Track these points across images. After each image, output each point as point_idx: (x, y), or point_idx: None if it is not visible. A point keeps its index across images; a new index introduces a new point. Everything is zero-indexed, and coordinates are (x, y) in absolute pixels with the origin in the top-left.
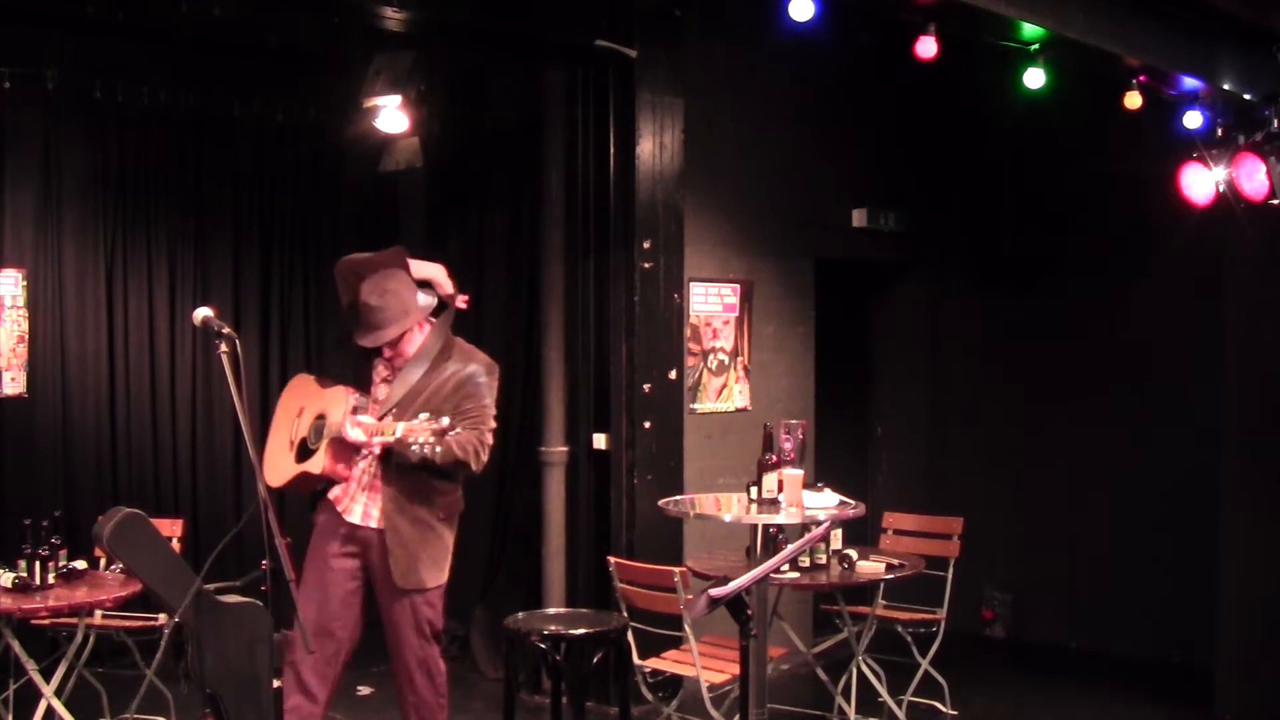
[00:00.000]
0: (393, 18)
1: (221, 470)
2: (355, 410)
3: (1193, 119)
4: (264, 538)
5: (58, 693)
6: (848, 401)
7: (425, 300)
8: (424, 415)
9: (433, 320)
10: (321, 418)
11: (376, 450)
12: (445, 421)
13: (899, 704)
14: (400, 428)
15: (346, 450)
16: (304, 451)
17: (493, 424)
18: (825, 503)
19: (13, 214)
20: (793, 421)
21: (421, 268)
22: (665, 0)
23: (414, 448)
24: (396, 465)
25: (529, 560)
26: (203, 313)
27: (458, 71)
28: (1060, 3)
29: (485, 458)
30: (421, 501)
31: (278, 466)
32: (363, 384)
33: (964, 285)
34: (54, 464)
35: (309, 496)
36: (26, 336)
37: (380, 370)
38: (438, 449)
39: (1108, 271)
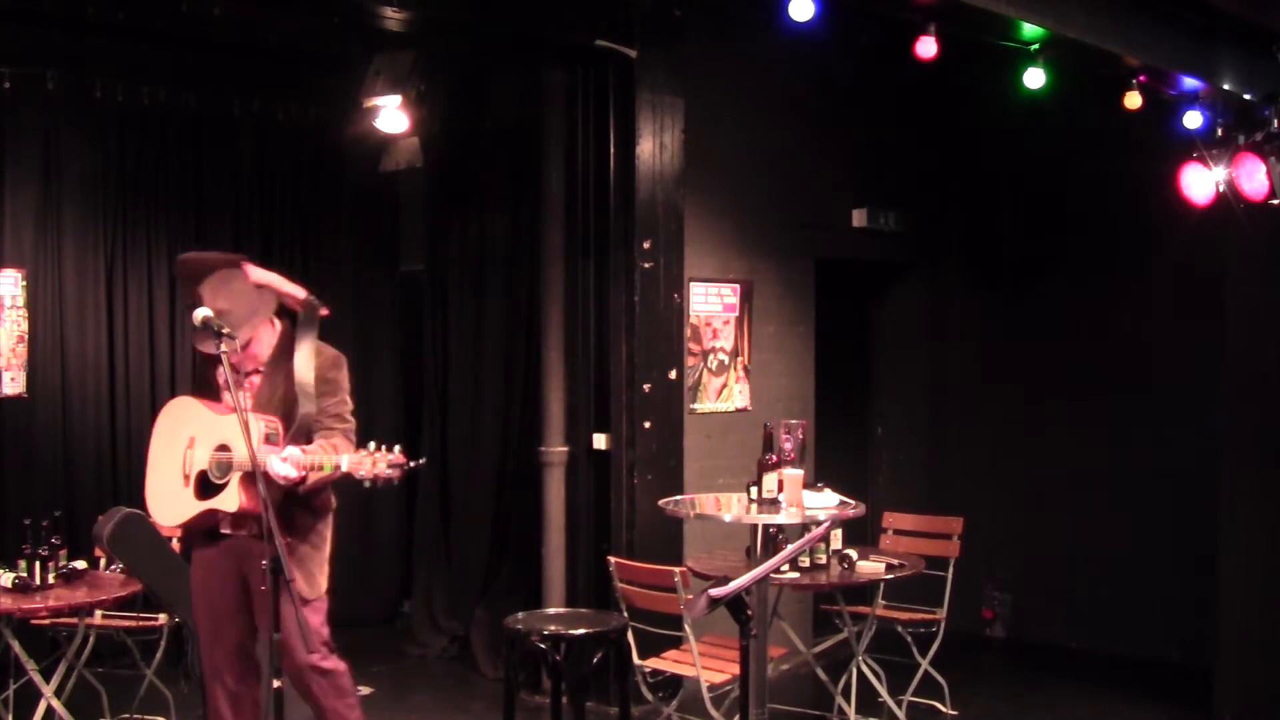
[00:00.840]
0: (393, 18)
1: None
2: (268, 439)
3: (1193, 119)
4: (264, 538)
5: (58, 693)
6: (848, 401)
7: (266, 300)
8: (369, 448)
9: (278, 320)
10: (224, 448)
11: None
12: (370, 447)
13: (899, 704)
14: (345, 460)
15: (253, 481)
16: (207, 486)
17: (351, 419)
18: (825, 503)
19: (13, 214)
20: (793, 421)
21: (258, 273)
22: (665, 0)
23: (361, 475)
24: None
25: (529, 560)
26: (203, 313)
27: (458, 71)
28: (1060, 3)
29: None
30: (301, 510)
31: (171, 504)
32: (207, 391)
33: (964, 285)
34: (54, 464)
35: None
36: (26, 336)
37: (223, 376)
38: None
39: (1108, 271)
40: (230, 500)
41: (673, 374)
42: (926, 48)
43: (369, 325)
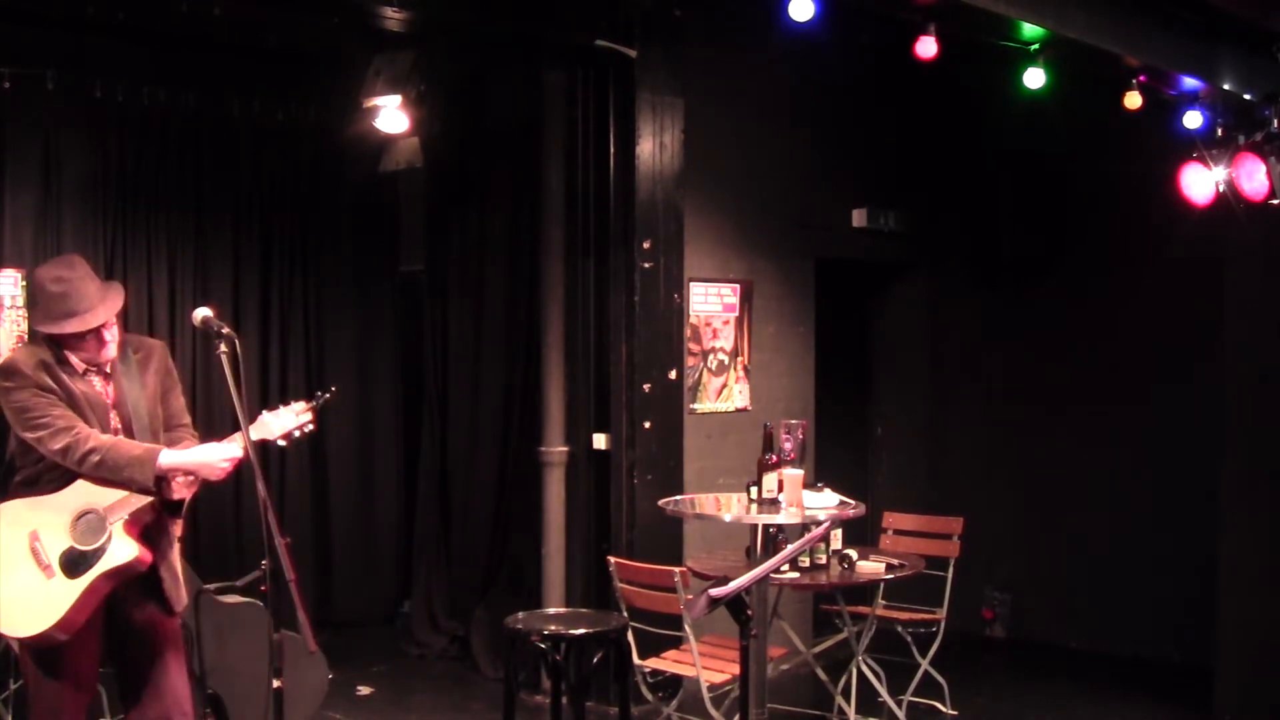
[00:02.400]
0: (393, 18)
1: None
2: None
3: (1193, 119)
4: (264, 538)
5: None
6: (848, 401)
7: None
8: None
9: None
10: (88, 513)
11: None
12: (263, 412)
13: (899, 704)
14: (253, 431)
15: (137, 520)
16: (76, 561)
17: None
18: (825, 503)
19: (13, 214)
20: (793, 421)
21: None
22: (665, 0)
23: (275, 437)
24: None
25: (529, 560)
26: (202, 313)
27: (458, 71)
28: (1060, 3)
29: None
30: (170, 516)
31: (40, 605)
32: (92, 400)
33: (964, 285)
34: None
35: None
36: (26, 336)
37: (77, 383)
38: None
39: (1107, 272)
40: (122, 551)
41: (673, 374)
42: (926, 48)
43: (369, 325)
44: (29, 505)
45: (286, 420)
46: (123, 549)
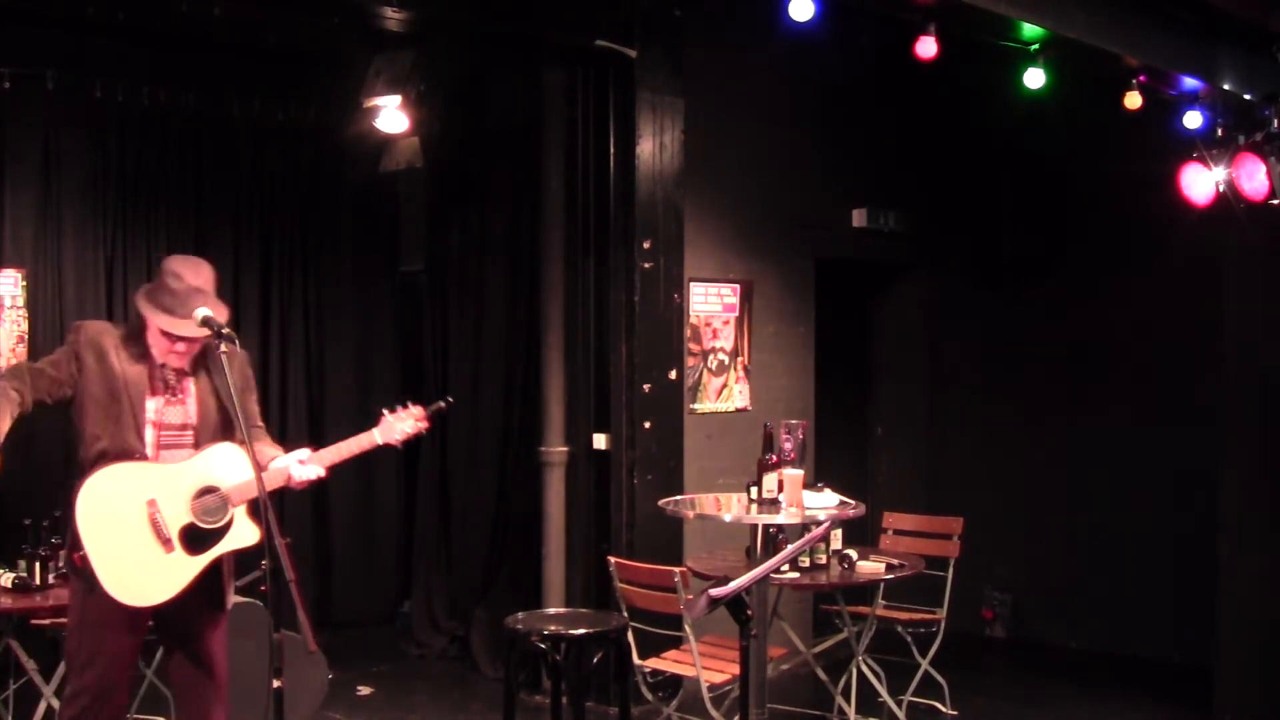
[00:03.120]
0: (393, 18)
1: None
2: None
3: (1193, 119)
4: (264, 538)
5: (58, 693)
6: (848, 401)
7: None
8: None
9: None
10: (208, 490)
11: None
12: (386, 413)
13: (899, 704)
14: (378, 433)
15: (254, 505)
16: (196, 538)
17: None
18: (825, 503)
19: (13, 214)
20: (793, 421)
21: None
22: (665, 0)
23: (396, 440)
24: None
25: (529, 560)
26: (202, 312)
27: (458, 71)
28: (1060, 3)
29: None
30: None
31: (157, 578)
32: (132, 383)
33: (964, 285)
34: (54, 464)
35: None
36: (26, 336)
37: (132, 364)
38: None
39: (1108, 272)
40: (247, 534)
41: (673, 374)
42: (926, 48)
43: (369, 325)
44: (142, 471)
45: (406, 424)
46: (246, 532)
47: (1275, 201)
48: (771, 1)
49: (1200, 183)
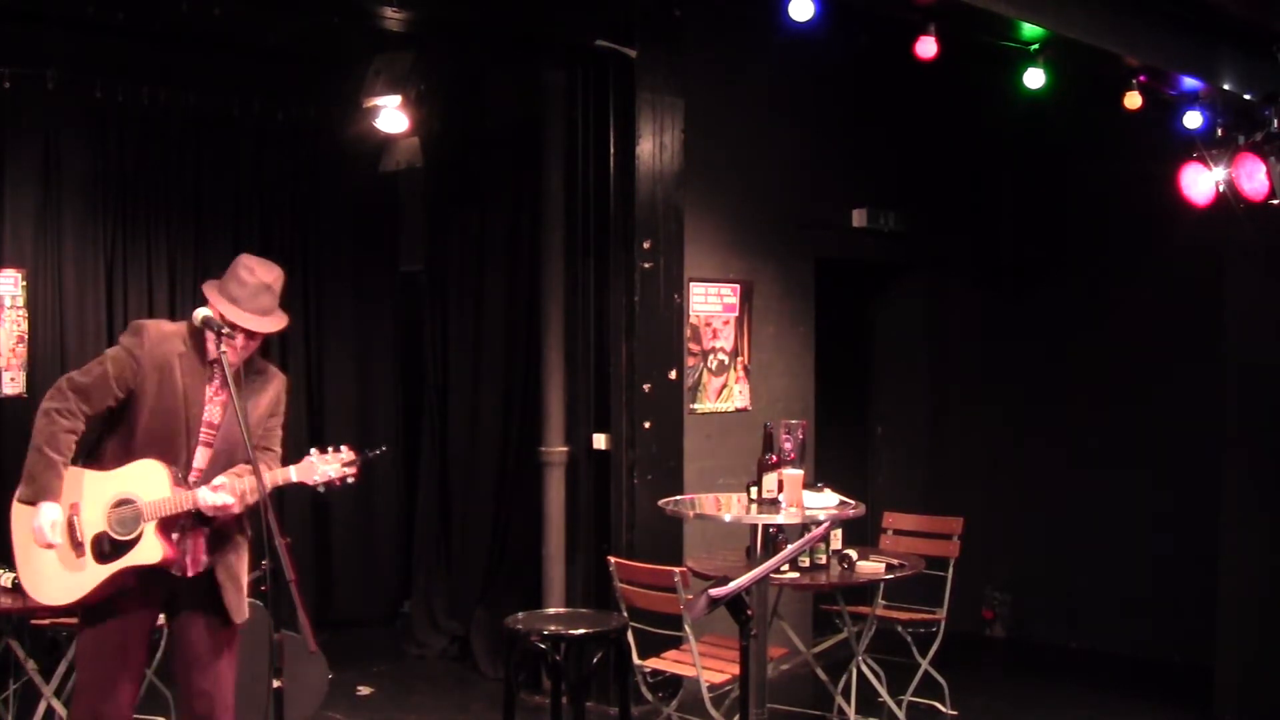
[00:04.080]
0: (393, 18)
1: None
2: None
3: (1193, 119)
4: (264, 538)
5: (57, 693)
6: (848, 401)
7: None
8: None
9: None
10: (125, 502)
11: (237, 509)
12: (314, 453)
13: (899, 704)
14: (294, 470)
15: (172, 524)
16: (110, 547)
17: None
18: (825, 503)
19: (13, 214)
20: (793, 421)
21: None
22: (665, 0)
23: (315, 481)
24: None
25: (529, 560)
26: (203, 313)
27: (458, 71)
28: (1060, 3)
29: None
30: (238, 529)
31: (64, 579)
32: (192, 400)
33: (964, 285)
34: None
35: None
36: (26, 336)
37: (190, 371)
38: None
39: (1107, 271)
40: (151, 552)
41: (673, 374)
42: (926, 48)
43: (369, 325)
44: (76, 476)
45: (331, 469)
46: (151, 550)
47: (1275, 201)
48: (771, 2)
49: (1200, 183)
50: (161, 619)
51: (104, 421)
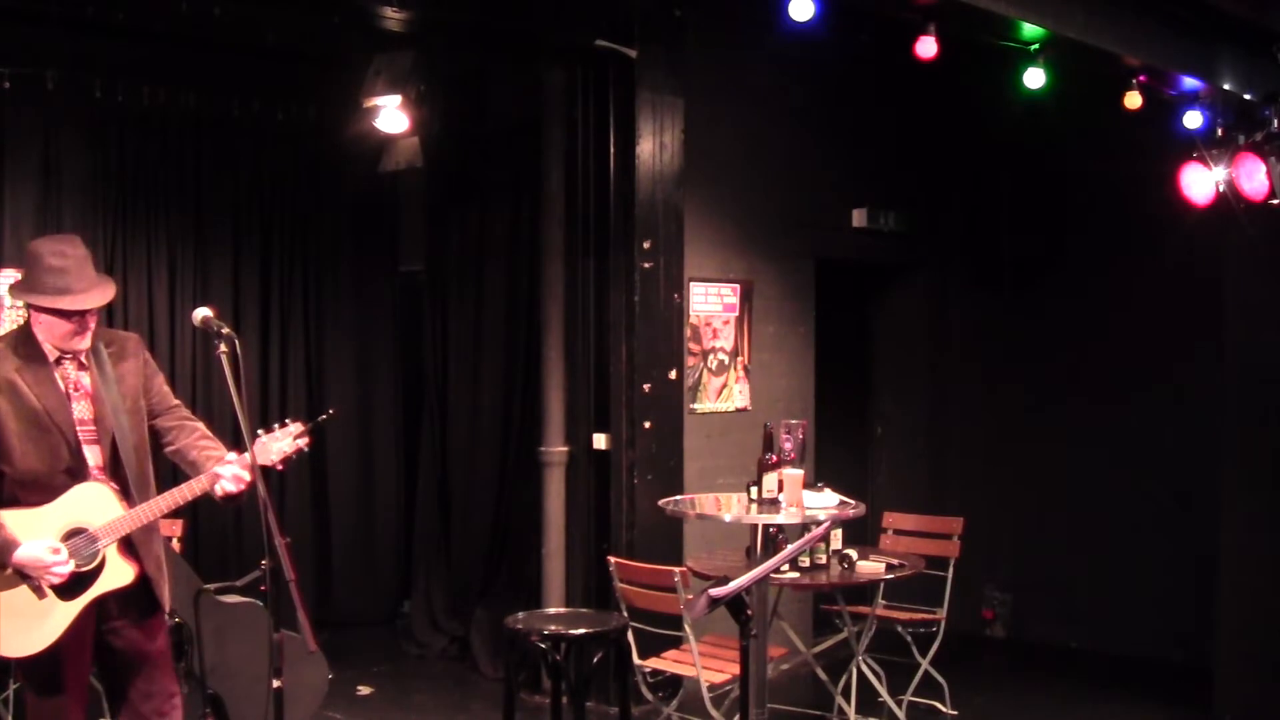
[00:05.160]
0: (393, 18)
1: None
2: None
3: (1193, 119)
4: (264, 538)
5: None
6: (848, 401)
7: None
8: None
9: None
10: (77, 532)
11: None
12: (260, 432)
13: (899, 704)
14: (274, 446)
15: (127, 538)
16: (71, 584)
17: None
18: (825, 503)
19: (13, 214)
20: (793, 421)
21: None
22: (665, 0)
23: (271, 461)
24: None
25: (529, 560)
26: (202, 313)
27: (458, 71)
28: (1060, 3)
29: None
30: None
31: (37, 626)
32: (52, 407)
33: (964, 285)
34: None
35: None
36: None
37: (40, 377)
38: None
39: (1108, 272)
40: (122, 573)
41: (673, 374)
42: (926, 48)
43: (369, 325)
44: (14, 519)
45: (284, 444)
46: (120, 572)
47: (1275, 201)
48: (771, 1)
49: (1200, 183)
50: None
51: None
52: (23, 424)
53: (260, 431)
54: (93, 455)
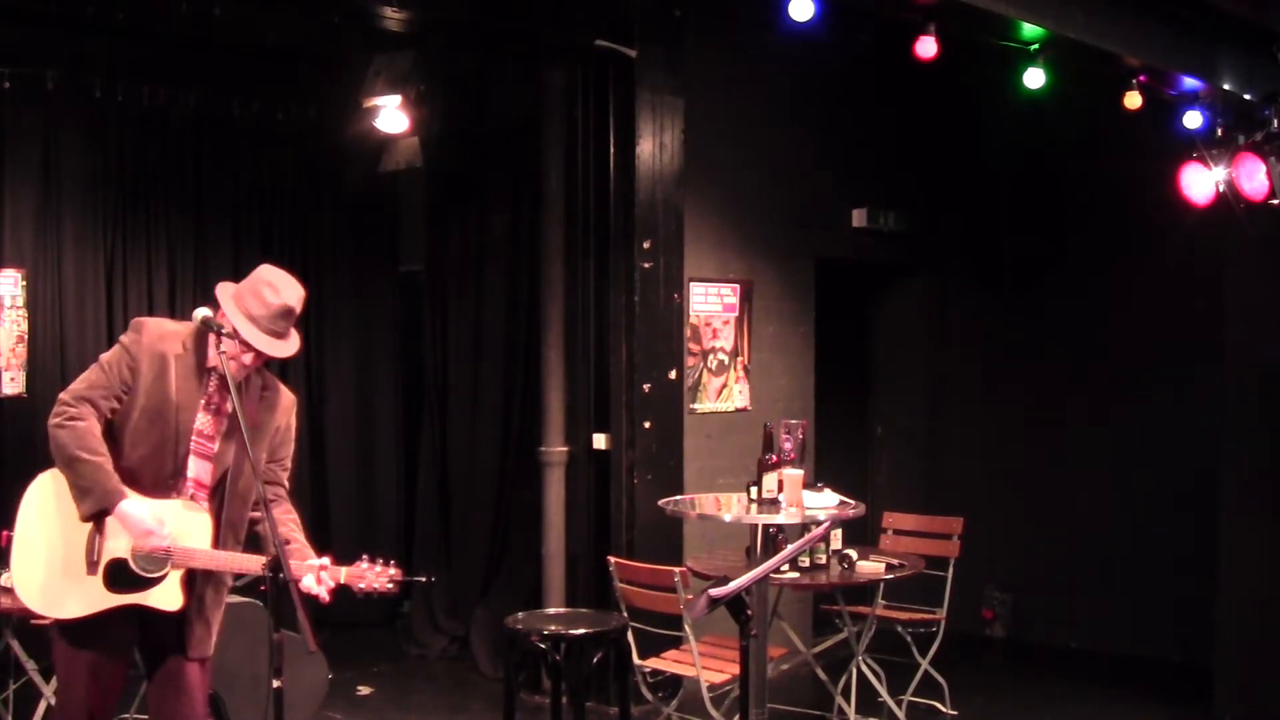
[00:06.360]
0: (393, 18)
1: None
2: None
3: (1193, 119)
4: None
5: (57, 692)
6: (848, 401)
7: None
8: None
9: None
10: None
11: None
12: (365, 562)
13: (899, 704)
14: (344, 573)
15: (192, 572)
16: (122, 576)
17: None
18: (825, 503)
19: (13, 214)
20: (793, 421)
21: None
22: (665, 0)
23: (359, 589)
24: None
25: (529, 560)
26: (202, 313)
27: (458, 71)
28: (1060, 3)
29: None
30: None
31: (67, 592)
32: (184, 405)
33: (964, 285)
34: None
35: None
36: (26, 336)
37: (186, 376)
38: None
39: (1107, 272)
40: (171, 598)
41: (673, 374)
42: (926, 48)
43: (369, 325)
44: None
45: (376, 582)
46: (169, 596)
47: (1275, 201)
48: (771, 1)
49: (1200, 183)
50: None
51: (129, 439)
52: (151, 401)
53: (364, 557)
54: (194, 467)
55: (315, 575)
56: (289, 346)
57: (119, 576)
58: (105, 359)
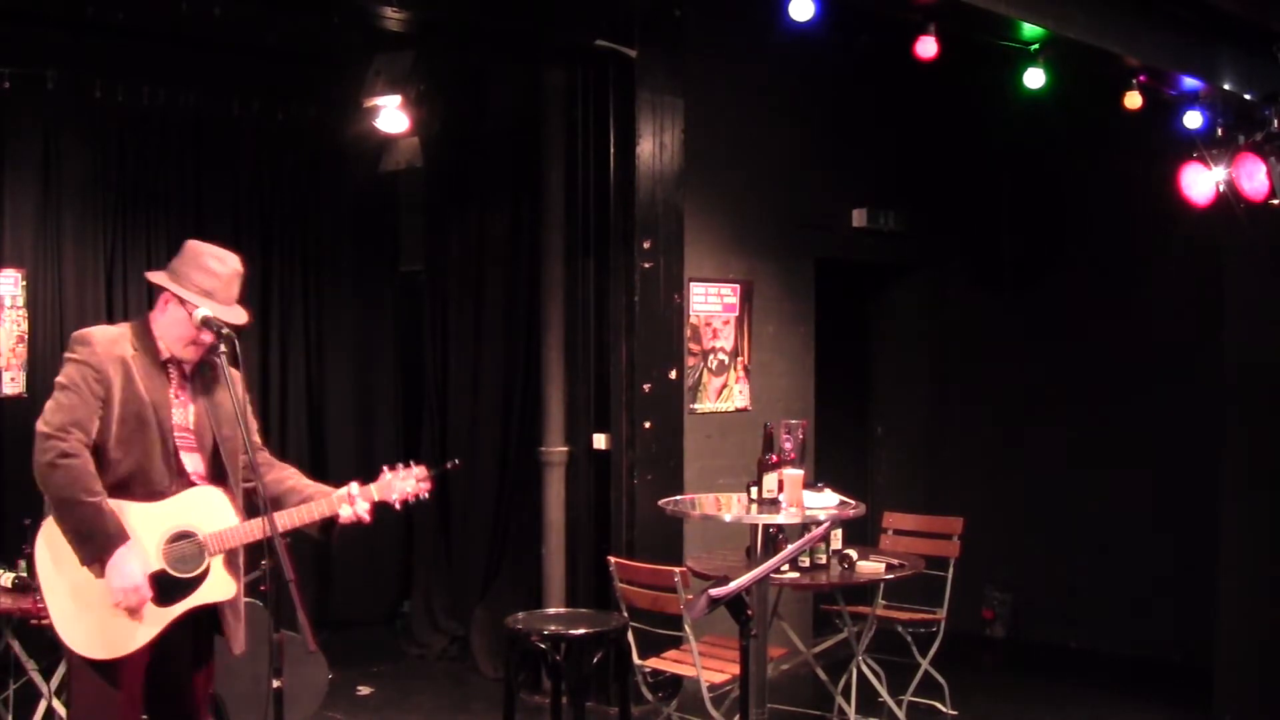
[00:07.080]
0: (393, 18)
1: None
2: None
3: (1193, 119)
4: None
5: (58, 693)
6: (848, 401)
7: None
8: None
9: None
10: (184, 535)
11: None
12: (388, 470)
13: (899, 704)
14: (375, 488)
15: (233, 554)
16: (166, 587)
17: None
18: (825, 503)
19: (13, 214)
20: (793, 421)
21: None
22: (665, 0)
23: (394, 499)
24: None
25: (529, 560)
26: (202, 313)
27: (458, 71)
28: (1060, 3)
29: None
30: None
31: (122, 626)
32: (158, 402)
33: (964, 285)
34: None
35: None
36: (26, 336)
37: (149, 374)
38: None
39: (1107, 272)
40: (224, 587)
41: (673, 374)
42: (926, 48)
43: (369, 325)
44: (120, 510)
45: (407, 485)
46: (222, 586)
47: (1275, 201)
48: (771, 2)
49: (1200, 183)
50: None
51: (119, 452)
52: (129, 407)
53: (385, 468)
54: (191, 462)
55: (349, 501)
56: (243, 313)
57: (166, 589)
58: (67, 380)
